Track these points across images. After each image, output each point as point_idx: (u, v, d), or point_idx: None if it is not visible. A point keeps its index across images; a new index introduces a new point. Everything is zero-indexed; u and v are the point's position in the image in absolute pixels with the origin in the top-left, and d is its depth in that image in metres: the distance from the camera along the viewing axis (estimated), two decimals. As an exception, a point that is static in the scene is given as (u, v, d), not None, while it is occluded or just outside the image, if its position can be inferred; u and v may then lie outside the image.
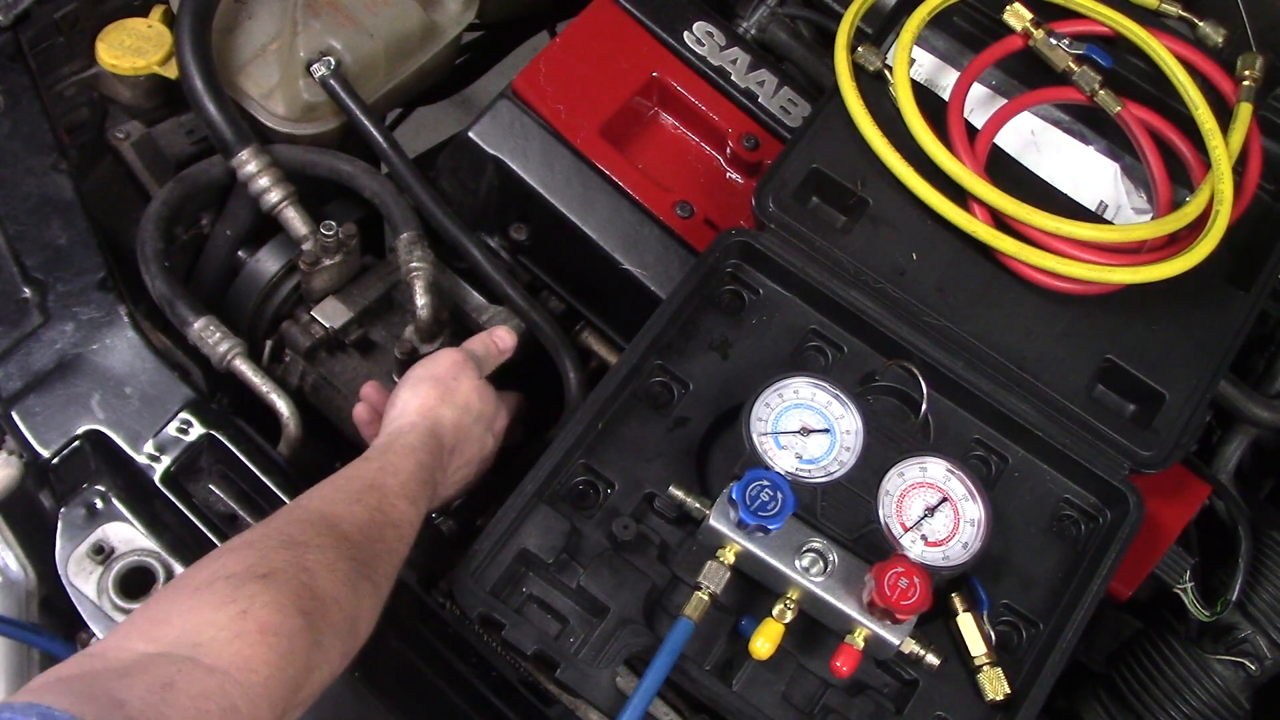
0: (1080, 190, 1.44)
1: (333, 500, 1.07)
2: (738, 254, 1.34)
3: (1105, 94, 1.40)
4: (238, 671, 0.85)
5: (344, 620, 0.96)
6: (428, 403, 1.23)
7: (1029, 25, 1.41)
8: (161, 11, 1.54)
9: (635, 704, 1.06)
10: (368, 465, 1.13)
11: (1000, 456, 1.31)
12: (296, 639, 0.89)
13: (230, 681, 0.84)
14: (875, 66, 1.39)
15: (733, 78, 1.57)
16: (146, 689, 0.80)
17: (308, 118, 1.52)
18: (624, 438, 1.25)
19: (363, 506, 1.06)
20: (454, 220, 1.50)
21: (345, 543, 1.01)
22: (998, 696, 1.17)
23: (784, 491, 1.13)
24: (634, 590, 1.18)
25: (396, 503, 1.09)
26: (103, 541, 1.22)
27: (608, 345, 1.59)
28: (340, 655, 0.96)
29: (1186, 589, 1.39)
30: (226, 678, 0.84)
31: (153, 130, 1.54)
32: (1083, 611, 1.20)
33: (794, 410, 1.22)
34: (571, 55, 1.55)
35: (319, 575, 0.95)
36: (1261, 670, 1.39)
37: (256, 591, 0.90)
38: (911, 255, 1.33)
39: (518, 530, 1.18)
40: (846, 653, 1.12)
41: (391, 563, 1.06)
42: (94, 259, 1.33)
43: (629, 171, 1.51)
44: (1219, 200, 1.33)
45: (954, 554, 1.18)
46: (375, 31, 1.54)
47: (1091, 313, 1.33)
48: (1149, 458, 1.27)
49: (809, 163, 1.35)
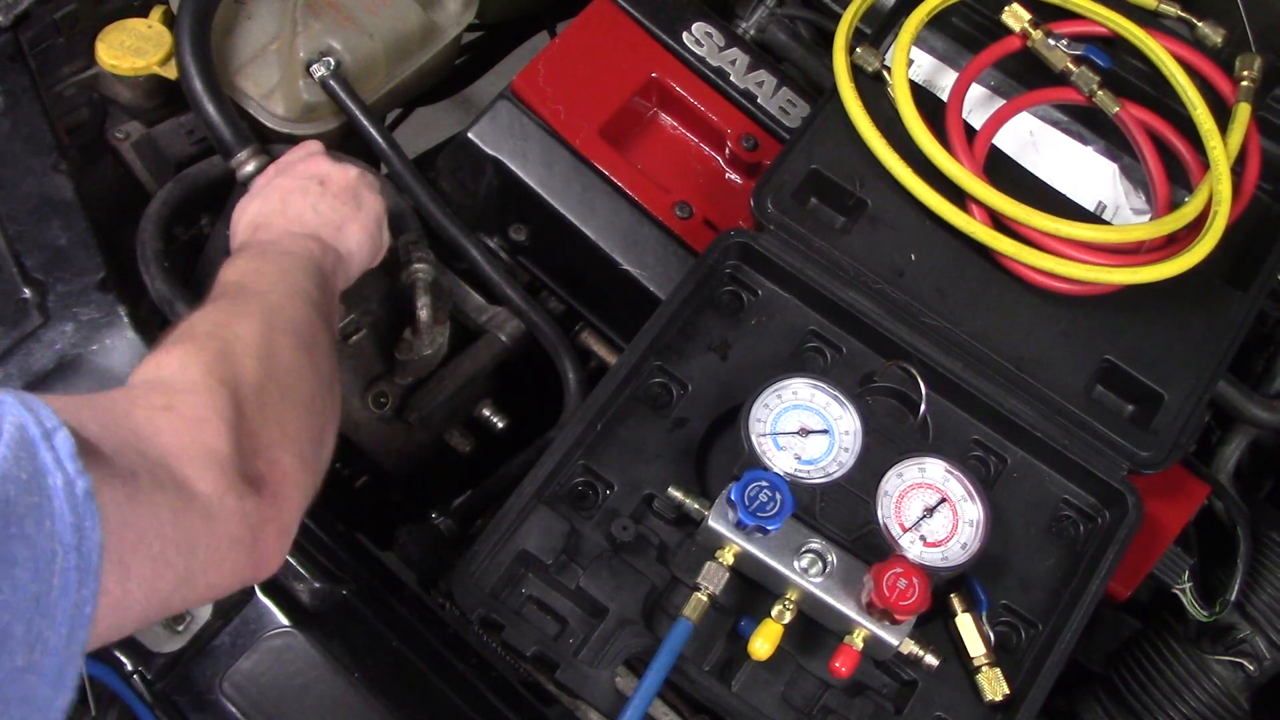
0: (1079, 191, 1.44)
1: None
2: (736, 255, 1.34)
3: (1104, 94, 1.40)
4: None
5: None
6: (237, 228, 1.22)
7: (1027, 26, 1.41)
8: (161, 11, 1.53)
9: (635, 705, 1.06)
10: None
11: (999, 457, 1.31)
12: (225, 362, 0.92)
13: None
14: (874, 67, 1.39)
15: (732, 78, 1.57)
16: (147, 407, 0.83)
17: (307, 118, 1.52)
18: (623, 439, 1.25)
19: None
20: (454, 221, 1.50)
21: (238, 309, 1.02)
22: (997, 697, 1.17)
23: (783, 492, 1.13)
24: (633, 591, 1.19)
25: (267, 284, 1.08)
26: (102, 542, 1.22)
27: (607, 346, 1.59)
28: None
29: (1185, 589, 1.39)
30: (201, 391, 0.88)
31: (153, 130, 1.53)
32: (1082, 612, 1.20)
33: (793, 411, 1.22)
34: (571, 56, 1.55)
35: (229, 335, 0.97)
36: (1260, 670, 1.39)
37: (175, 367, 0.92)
38: (910, 256, 1.33)
39: (517, 531, 1.18)
40: (845, 653, 1.12)
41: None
42: (94, 259, 1.33)
43: (628, 172, 1.51)
44: (1217, 201, 1.33)
45: (953, 554, 1.18)
46: (375, 31, 1.54)
47: (1090, 313, 1.33)
48: (1148, 458, 1.27)
49: (808, 164, 1.35)
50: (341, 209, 1.21)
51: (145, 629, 1.17)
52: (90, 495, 0.68)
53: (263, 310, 1.02)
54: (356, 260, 1.23)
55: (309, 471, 0.99)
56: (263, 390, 0.94)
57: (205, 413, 0.87)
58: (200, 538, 0.82)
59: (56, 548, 0.66)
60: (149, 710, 1.19)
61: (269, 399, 0.95)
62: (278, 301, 1.05)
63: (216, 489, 0.84)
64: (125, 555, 0.73)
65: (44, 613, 0.65)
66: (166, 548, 0.78)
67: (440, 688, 1.21)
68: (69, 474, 0.68)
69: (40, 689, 0.66)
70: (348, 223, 1.21)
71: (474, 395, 1.54)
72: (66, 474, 0.68)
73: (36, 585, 0.65)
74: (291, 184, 1.22)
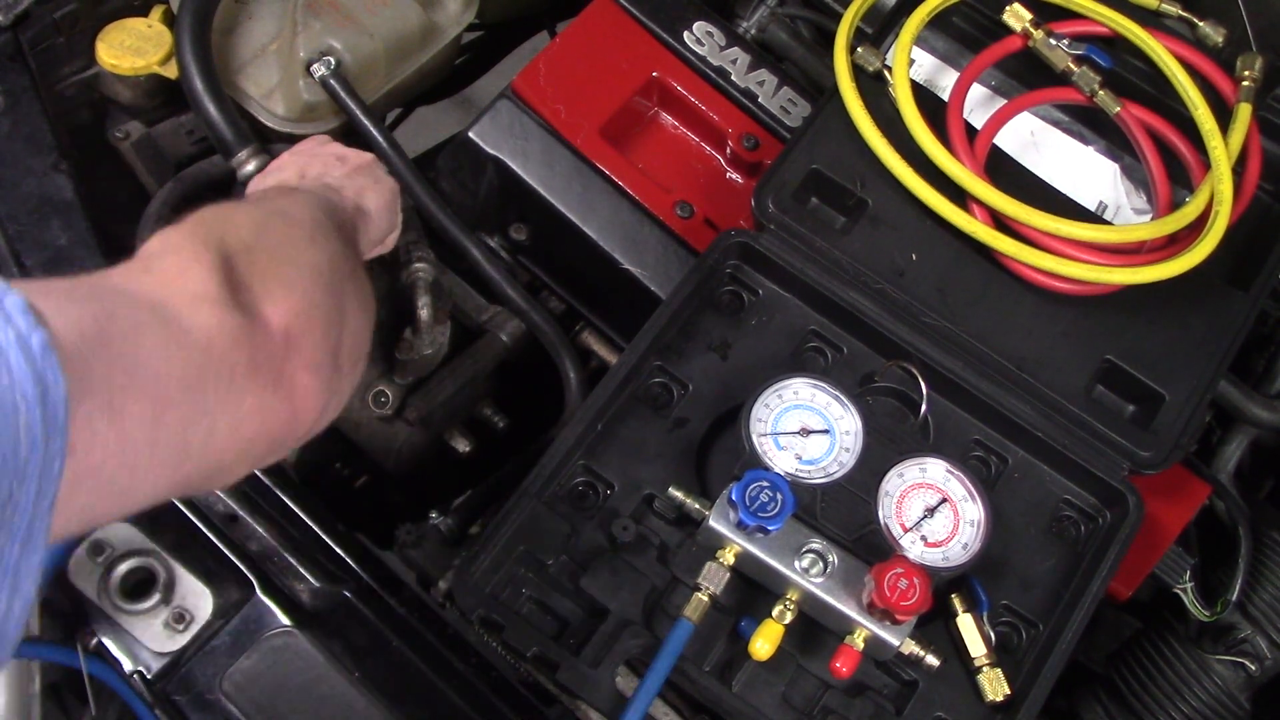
0: (1080, 191, 1.44)
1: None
2: (737, 255, 1.34)
3: (1105, 94, 1.40)
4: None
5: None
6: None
7: (1028, 26, 1.41)
8: (161, 11, 1.53)
9: (636, 705, 1.06)
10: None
11: (1000, 457, 1.31)
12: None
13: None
14: (875, 67, 1.39)
15: (732, 78, 1.57)
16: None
17: (308, 118, 1.52)
18: (623, 439, 1.25)
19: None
20: (454, 220, 1.50)
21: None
22: (997, 697, 1.17)
23: (783, 492, 1.13)
24: (633, 591, 1.18)
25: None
26: (102, 541, 1.22)
27: (607, 345, 1.59)
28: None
29: (1186, 589, 1.39)
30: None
31: (153, 130, 1.53)
32: (1082, 612, 1.20)
33: (793, 411, 1.22)
34: (571, 55, 1.55)
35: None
36: (1261, 670, 1.39)
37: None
38: (911, 256, 1.33)
39: (517, 531, 1.18)
40: (846, 654, 1.12)
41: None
42: (94, 259, 1.33)
43: (629, 172, 1.51)
44: (1218, 201, 1.33)
45: (954, 555, 1.18)
46: (375, 31, 1.54)
47: (1091, 313, 1.33)
48: (1148, 458, 1.27)
49: (808, 163, 1.35)
50: (360, 179, 1.18)
51: (169, 498, 0.99)
52: (49, 348, 0.65)
53: (261, 204, 0.99)
54: (375, 224, 1.19)
55: (326, 320, 0.93)
56: (253, 250, 0.89)
57: (186, 264, 0.82)
58: (205, 371, 0.78)
59: (19, 402, 0.63)
60: (149, 710, 1.19)
61: (259, 257, 0.89)
62: (285, 206, 1.02)
63: (210, 320, 0.79)
64: (114, 398, 0.70)
65: (12, 470, 0.63)
66: (162, 384, 0.74)
67: (440, 688, 1.21)
68: (21, 330, 0.64)
69: (8, 548, 0.63)
70: (366, 190, 1.18)
71: (474, 395, 1.54)
72: (18, 329, 0.64)
73: (0, 444, 0.62)
74: (308, 160, 1.20)
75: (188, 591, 1.24)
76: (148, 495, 0.76)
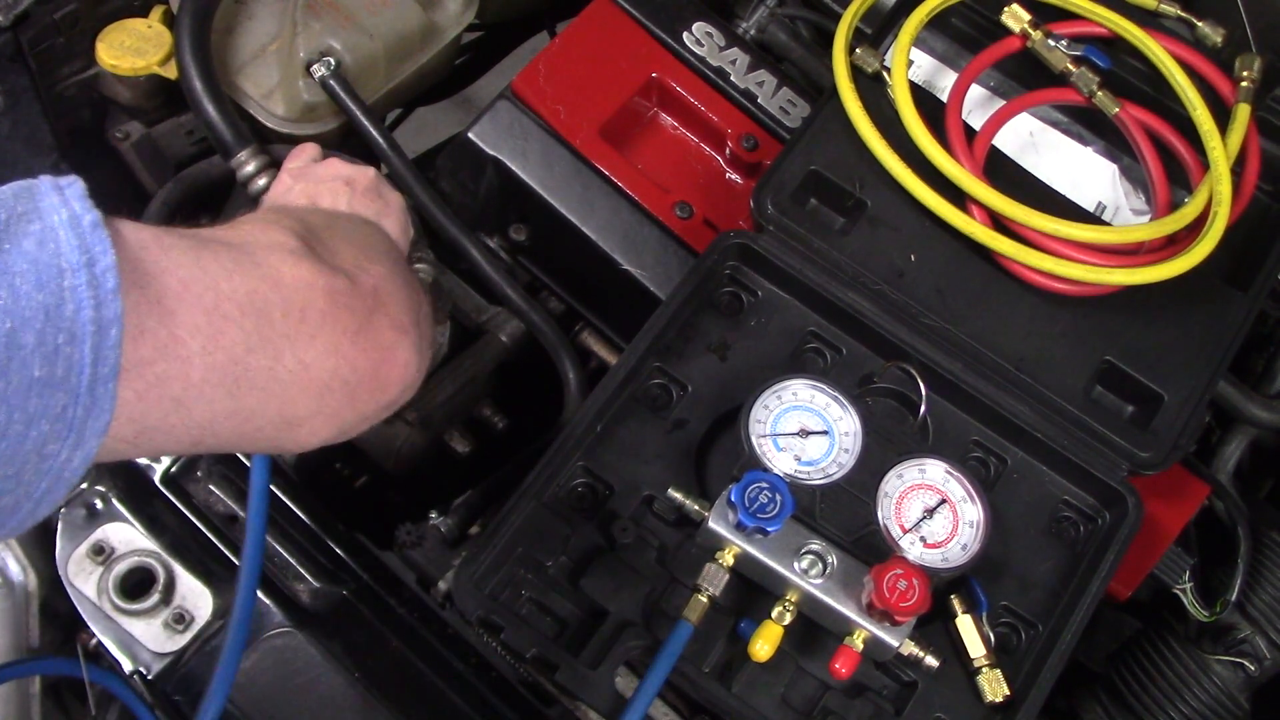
0: (1079, 191, 1.44)
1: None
2: (736, 256, 1.34)
3: (1103, 95, 1.40)
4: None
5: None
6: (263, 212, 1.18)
7: (1027, 26, 1.41)
8: (161, 11, 1.53)
9: (636, 706, 1.06)
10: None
11: (999, 458, 1.31)
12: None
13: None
14: (874, 68, 1.39)
15: (732, 78, 1.57)
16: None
17: (308, 118, 1.52)
18: (622, 440, 1.25)
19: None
20: (454, 221, 1.50)
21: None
22: (997, 698, 1.17)
23: (783, 493, 1.13)
24: (633, 592, 1.19)
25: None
26: (103, 542, 1.23)
27: (607, 346, 1.59)
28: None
29: (1186, 589, 1.39)
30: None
31: (153, 130, 1.54)
32: (1082, 612, 1.20)
33: (792, 412, 1.22)
34: (571, 55, 1.55)
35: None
36: (1261, 670, 1.39)
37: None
38: (910, 257, 1.33)
39: (516, 533, 1.18)
40: (845, 654, 1.12)
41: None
42: (94, 260, 1.33)
43: (628, 172, 1.51)
44: (1217, 201, 1.33)
45: (953, 555, 1.18)
46: (375, 32, 1.54)
47: (1090, 314, 1.33)
48: (1148, 459, 1.27)
49: (807, 164, 1.35)
50: (372, 205, 1.18)
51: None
52: (99, 225, 0.66)
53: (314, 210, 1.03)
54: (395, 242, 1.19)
55: (410, 290, 0.93)
56: (332, 228, 0.91)
57: (268, 225, 0.83)
58: (271, 301, 0.77)
59: (63, 264, 0.64)
60: (149, 710, 1.19)
61: (338, 235, 0.90)
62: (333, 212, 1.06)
63: (284, 260, 0.79)
64: (165, 299, 0.70)
65: (60, 326, 0.63)
66: (223, 301, 0.74)
67: (440, 688, 1.21)
68: (75, 210, 0.66)
69: (71, 406, 0.64)
70: (382, 218, 1.17)
71: (474, 395, 1.54)
72: (72, 210, 0.66)
73: (44, 296, 0.63)
74: (316, 187, 1.18)
75: (188, 591, 1.24)
76: (205, 416, 0.75)
